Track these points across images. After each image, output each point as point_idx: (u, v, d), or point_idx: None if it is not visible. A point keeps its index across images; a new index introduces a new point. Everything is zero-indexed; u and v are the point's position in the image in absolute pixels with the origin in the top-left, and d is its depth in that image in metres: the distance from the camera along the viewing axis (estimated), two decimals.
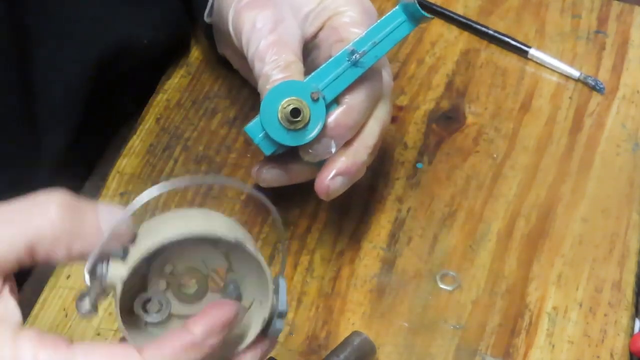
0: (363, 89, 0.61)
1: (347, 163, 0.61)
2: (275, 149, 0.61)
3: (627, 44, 0.82)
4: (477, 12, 0.84)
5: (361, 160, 0.62)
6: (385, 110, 0.64)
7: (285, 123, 0.59)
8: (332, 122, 0.60)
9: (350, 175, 0.62)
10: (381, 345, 0.63)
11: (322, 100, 0.59)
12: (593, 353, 0.63)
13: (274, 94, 0.59)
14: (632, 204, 0.71)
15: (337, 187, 0.62)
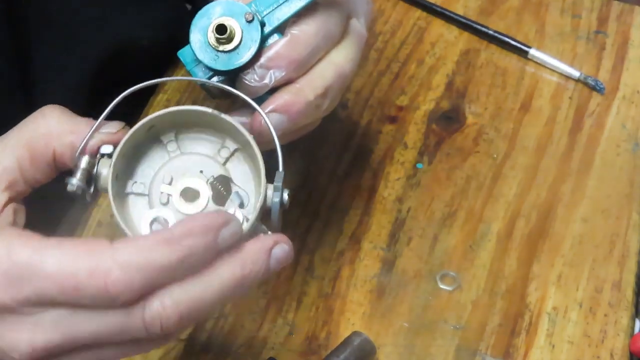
0: (313, 23, 0.55)
1: (287, 99, 0.54)
2: (207, 76, 0.55)
3: (627, 44, 0.82)
4: (477, 12, 0.84)
5: (305, 100, 0.55)
6: (344, 56, 0.57)
7: (214, 43, 0.54)
8: (272, 52, 0.54)
9: (289, 115, 0.55)
10: (381, 345, 0.63)
11: (257, 23, 0.54)
12: (593, 353, 0.63)
13: (204, 13, 0.54)
14: (632, 204, 0.71)
15: (273, 123, 0.54)
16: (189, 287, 0.46)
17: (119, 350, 0.47)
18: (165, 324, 0.45)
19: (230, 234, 0.47)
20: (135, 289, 0.44)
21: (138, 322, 0.45)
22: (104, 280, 0.44)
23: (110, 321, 0.45)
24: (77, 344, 0.45)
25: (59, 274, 0.44)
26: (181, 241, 0.45)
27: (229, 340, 0.63)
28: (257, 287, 0.65)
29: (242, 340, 0.63)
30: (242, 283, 0.47)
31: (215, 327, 0.63)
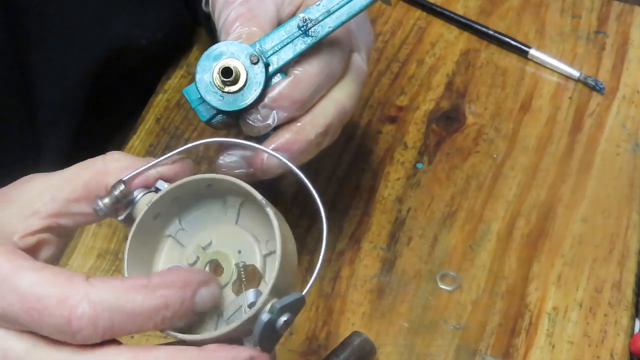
0: (316, 63, 0.56)
1: (289, 138, 0.55)
2: (211, 115, 0.56)
3: (627, 44, 0.82)
4: (477, 12, 0.84)
5: (306, 139, 0.56)
6: (345, 93, 0.58)
7: (218, 84, 0.54)
8: (275, 93, 0.55)
9: (291, 154, 0.55)
10: (381, 345, 0.63)
11: (262, 64, 0.55)
12: (593, 353, 0.63)
13: (210, 54, 0.55)
14: (632, 204, 0.71)
15: (274, 163, 0.55)
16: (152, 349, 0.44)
17: None
18: None
19: (209, 294, 0.45)
20: (99, 327, 0.42)
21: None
22: (69, 311, 0.42)
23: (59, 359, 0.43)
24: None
25: (29, 295, 0.43)
26: (157, 290, 0.43)
27: None
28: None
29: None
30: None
31: None
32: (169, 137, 0.74)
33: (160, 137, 0.74)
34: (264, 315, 0.45)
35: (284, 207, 0.70)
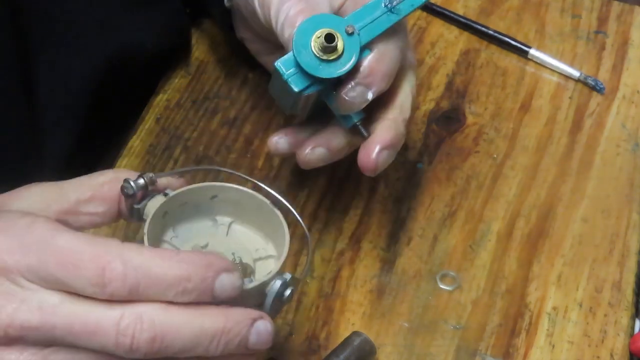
0: (394, 39, 0.60)
1: (391, 135, 0.61)
2: (305, 85, 0.58)
3: (627, 44, 0.82)
4: (477, 12, 0.84)
5: (401, 132, 0.61)
6: (413, 82, 0.64)
7: (318, 52, 0.57)
8: (367, 68, 0.59)
9: (393, 148, 0.61)
10: (381, 345, 0.63)
11: (357, 36, 0.58)
12: (593, 353, 0.63)
13: (309, 24, 0.57)
14: (632, 204, 0.71)
15: (384, 160, 0.61)
16: (173, 314, 0.47)
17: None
18: (136, 339, 0.46)
19: (230, 282, 0.48)
20: (126, 284, 0.46)
21: (111, 326, 0.46)
22: (102, 266, 0.45)
23: (86, 315, 0.46)
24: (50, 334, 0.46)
25: (66, 250, 0.46)
26: (182, 263, 0.47)
27: None
28: None
29: None
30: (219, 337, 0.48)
31: None
32: (169, 137, 0.74)
33: (160, 137, 0.74)
34: (277, 282, 0.51)
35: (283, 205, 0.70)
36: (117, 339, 0.46)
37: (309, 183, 0.71)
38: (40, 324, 0.46)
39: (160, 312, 0.46)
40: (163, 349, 0.46)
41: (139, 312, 0.46)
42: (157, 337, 0.46)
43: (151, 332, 0.46)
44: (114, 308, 0.46)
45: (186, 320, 0.47)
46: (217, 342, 0.48)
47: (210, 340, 0.47)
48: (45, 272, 0.46)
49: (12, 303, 0.46)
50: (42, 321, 0.46)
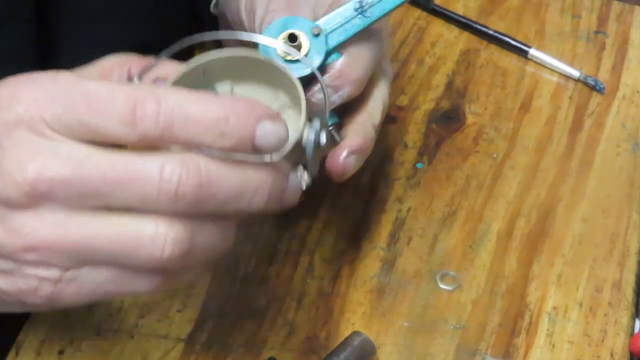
0: (367, 44, 0.59)
1: (359, 140, 0.59)
2: None
3: (627, 44, 0.82)
4: (477, 12, 0.84)
5: (370, 137, 0.60)
6: (385, 91, 0.62)
7: (281, 53, 0.56)
8: (336, 71, 0.58)
9: (362, 153, 0.59)
10: (381, 345, 0.63)
11: (323, 37, 0.57)
12: (593, 353, 0.63)
13: (277, 25, 0.57)
14: (632, 204, 0.71)
15: (352, 165, 0.59)
16: (217, 161, 0.43)
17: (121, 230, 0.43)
18: (183, 184, 0.42)
19: (274, 130, 0.44)
20: (159, 123, 0.42)
21: (154, 172, 0.42)
22: (134, 102, 0.42)
23: (125, 162, 0.42)
24: (82, 187, 0.42)
25: (93, 93, 0.43)
26: (221, 105, 0.43)
27: (229, 340, 0.63)
28: (257, 286, 0.65)
29: (242, 340, 0.63)
30: (263, 189, 0.45)
31: (215, 327, 0.63)
32: None
33: None
34: (311, 132, 0.48)
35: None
36: (161, 185, 0.42)
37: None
38: (71, 175, 0.42)
39: (205, 159, 0.43)
40: (207, 199, 0.43)
41: (184, 157, 0.42)
42: (203, 184, 0.42)
43: (197, 178, 0.42)
44: (156, 154, 0.42)
45: (231, 168, 0.43)
46: (261, 194, 0.44)
47: (254, 191, 0.44)
48: (73, 118, 0.42)
49: (39, 156, 0.42)
50: (74, 172, 0.42)
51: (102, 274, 0.44)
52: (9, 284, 0.45)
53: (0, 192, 0.42)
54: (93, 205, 0.43)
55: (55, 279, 0.44)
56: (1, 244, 0.43)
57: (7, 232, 0.43)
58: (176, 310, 0.64)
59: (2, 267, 0.44)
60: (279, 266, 0.67)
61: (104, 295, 0.45)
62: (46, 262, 0.44)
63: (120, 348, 0.62)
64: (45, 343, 0.62)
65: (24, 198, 0.42)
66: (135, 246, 0.43)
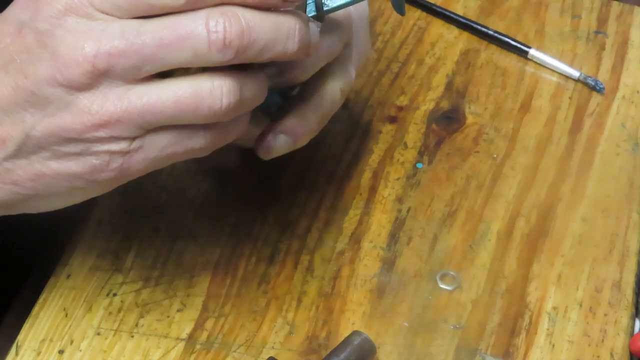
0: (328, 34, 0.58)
1: (292, 124, 0.58)
2: None
3: (627, 44, 0.82)
4: (477, 12, 0.84)
5: (308, 124, 0.59)
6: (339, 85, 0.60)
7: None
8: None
9: (294, 137, 0.58)
10: (381, 345, 0.63)
11: None
12: (593, 353, 0.63)
13: None
14: (632, 204, 0.71)
15: (279, 146, 0.58)
16: (251, 9, 0.47)
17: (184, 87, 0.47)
18: (228, 32, 0.45)
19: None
20: None
21: (200, 27, 0.45)
22: None
23: (173, 25, 0.45)
24: (139, 56, 0.45)
25: None
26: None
27: (228, 340, 0.63)
28: (257, 286, 0.65)
29: (242, 340, 0.63)
30: (293, 32, 0.48)
31: (215, 327, 0.63)
32: None
33: None
34: None
35: (283, 205, 0.70)
36: (210, 37, 0.45)
37: (309, 183, 0.71)
38: (127, 46, 0.45)
39: (240, 8, 0.46)
40: (251, 44, 0.46)
41: (224, 9, 0.46)
42: (245, 30, 0.46)
43: (239, 25, 0.46)
44: (197, 12, 0.46)
45: (264, 15, 0.47)
46: (293, 37, 0.48)
47: (287, 35, 0.48)
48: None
49: (94, 35, 0.45)
50: (130, 42, 0.45)
51: (166, 137, 0.48)
52: (80, 164, 0.48)
53: (63, 76, 0.45)
54: (150, 71, 0.46)
55: (125, 150, 0.47)
56: (71, 128, 0.46)
57: (74, 115, 0.46)
58: (176, 310, 0.64)
59: (73, 149, 0.47)
60: (279, 266, 0.67)
61: (166, 158, 0.49)
62: (115, 135, 0.47)
63: (120, 348, 0.62)
64: (45, 343, 0.62)
65: (85, 77, 0.45)
66: (196, 102, 0.47)
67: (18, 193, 0.50)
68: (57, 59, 0.45)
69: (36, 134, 0.47)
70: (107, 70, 0.45)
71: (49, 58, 0.45)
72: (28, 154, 0.48)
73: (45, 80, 0.46)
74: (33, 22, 0.46)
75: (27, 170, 0.48)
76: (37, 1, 0.46)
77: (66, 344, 0.62)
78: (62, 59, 0.45)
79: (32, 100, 0.46)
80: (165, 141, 0.48)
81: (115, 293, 0.64)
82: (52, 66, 0.45)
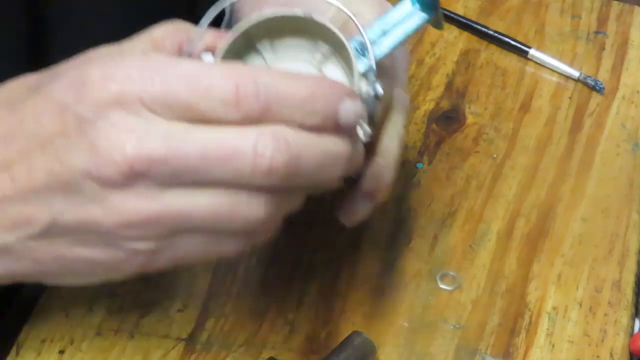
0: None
1: (373, 186, 0.56)
2: None
3: (627, 44, 0.82)
4: (477, 12, 0.85)
5: (384, 180, 0.56)
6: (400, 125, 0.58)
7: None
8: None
9: (375, 198, 0.56)
10: (381, 345, 0.63)
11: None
12: (593, 353, 0.63)
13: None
14: (632, 204, 0.71)
15: (363, 211, 0.56)
16: (303, 135, 0.44)
17: (217, 203, 0.45)
18: (275, 160, 0.43)
19: (354, 109, 0.46)
20: (260, 102, 0.43)
21: (248, 148, 0.43)
22: (235, 83, 0.43)
23: (221, 139, 0.43)
24: (180, 165, 0.43)
25: (192, 73, 0.43)
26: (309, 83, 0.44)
27: (229, 340, 0.63)
28: (257, 286, 0.65)
29: (242, 340, 0.63)
30: (342, 160, 0.47)
31: (215, 327, 0.63)
32: None
33: None
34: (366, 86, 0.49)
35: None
36: (255, 160, 0.43)
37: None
38: (169, 153, 0.43)
39: (293, 133, 0.44)
40: (296, 172, 0.44)
41: (275, 132, 0.43)
42: (292, 159, 0.44)
43: (288, 152, 0.43)
44: (248, 129, 0.43)
45: (315, 142, 0.45)
46: (340, 166, 0.47)
47: (334, 164, 0.46)
48: (173, 99, 0.43)
49: (137, 135, 0.42)
50: (172, 150, 0.43)
51: (195, 240, 0.46)
52: (104, 254, 0.46)
53: (98, 172, 0.43)
54: (186, 182, 0.44)
55: (152, 249, 0.46)
56: (98, 222, 0.44)
57: (105, 211, 0.44)
58: (176, 310, 0.64)
59: (99, 240, 0.45)
60: (279, 266, 0.67)
61: (194, 258, 0.47)
62: (143, 235, 0.45)
63: (121, 348, 0.62)
64: (46, 343, 0.62)
65: (121, 177, 0.43)
66: (231, 214, 0.45)
67: (38, 270, 0.48)
68: (95, 153, 0.43)
69: (63, 221, 0.45)
70: (144, 174, 0.43)
71: (87, 149, 0.43)
72: (53, 236, 0.46)
73: (79, 171, 0.43)
74: (76, 106, 0.44)
75: (50, 251, 0.47)
76: (84, 84, 0.44)
77: (67, 344, 0.62)
78: (100, 154, 0.43)
79: (64, 188, 0.44)
80: (195, 243, 0.46)
81: (116, 293, 0.64)
82: (89, 159, 0.43)
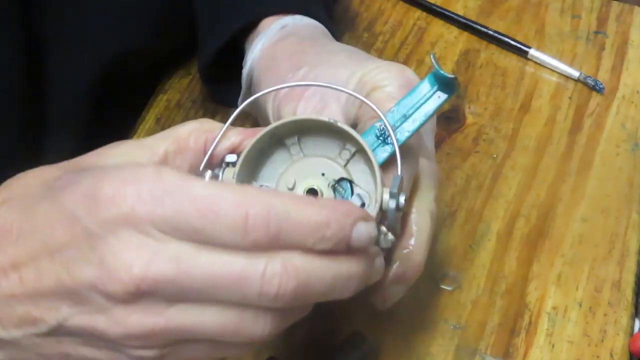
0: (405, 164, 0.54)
1: (402, 269, 0.55)
2: None
3: (626, 44, 0.82)
4: (477, 12, 0.85)
5: (415, 263, 0.56)
6: (431, 198, 0.57)
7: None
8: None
9: (406, 282, 0.56)
10: (381, 345, 0.63)
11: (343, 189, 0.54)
12: (593, 353, 0.63)
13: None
14: (632, 204, 0.71)
15: (397, 294, 0.56)
16: (314, 261, 0.44)
17: (220, 329, 0.45)
18: (282, 288, 0.43)
19: (366, 231, 0.45)
20: (270, 230, 0.43)
21: (256, 275, 0.43)
22: (245, 211, 0.43)
23: (229, 264, 0.43)
24: (187, 286, 0.43)
25: (203, 198, 0.43)
26: (322, 209, 0.44)
27: None
28: None
29: None
30: (353, 281, 0.46)
31: None
32: None
33: None
34: (391, 203, 0.49)
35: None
36: (262, 288, 0.43)
37: None
38: (177, 275, 0.43)
39: (303, 260, 0.44)
40: (303, 297, 0.44)
41: (284, 259, 0.43)
42: (301, 285, 0.44)
43: (296, 281, 0.43)
44: (258, 256, 0.43)
45: (325, 267, 0.45)
46: (351, 287, 0.46)
47: (345, 284, 0.46)
48: (183, 222, 0.43)
49: (145, 255, 0.43)
50: (179, 272, 0.43)
51: (201, 347, 0.47)
52: (109, 357, 0.46)
53: (105, 287, 0.43)
54: (192, 300, 0.44)
55: (156, 357, 0.46)
56: (104, 331, 0.45)
57: (110, 322, 0.45)
58: None
59: (105, 345, 0.46)
60: None
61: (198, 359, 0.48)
62: (147, 345, 0.45)
63: None
64: None
65: (127, 295, 0.43)
66: (236, 331, 0.45)
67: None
68: (102, 268, 0.43)
69: (69, 325, 0.46)
70: (150, 293, 0.43)
71: (96, 263, 0.44)
72: (60, 336, 0.47)
73: (87, 284, 0.44)
74: (88, 219, 0.44)
75: (56, 348, 0.47)
76: (96, 199, 0.44)
77: None
78: (107, 270, 0.43)
79: (71, 296, 0.45)
80: (200, 349, 0.47)
81: None
82: (97, 274, 0.44)
